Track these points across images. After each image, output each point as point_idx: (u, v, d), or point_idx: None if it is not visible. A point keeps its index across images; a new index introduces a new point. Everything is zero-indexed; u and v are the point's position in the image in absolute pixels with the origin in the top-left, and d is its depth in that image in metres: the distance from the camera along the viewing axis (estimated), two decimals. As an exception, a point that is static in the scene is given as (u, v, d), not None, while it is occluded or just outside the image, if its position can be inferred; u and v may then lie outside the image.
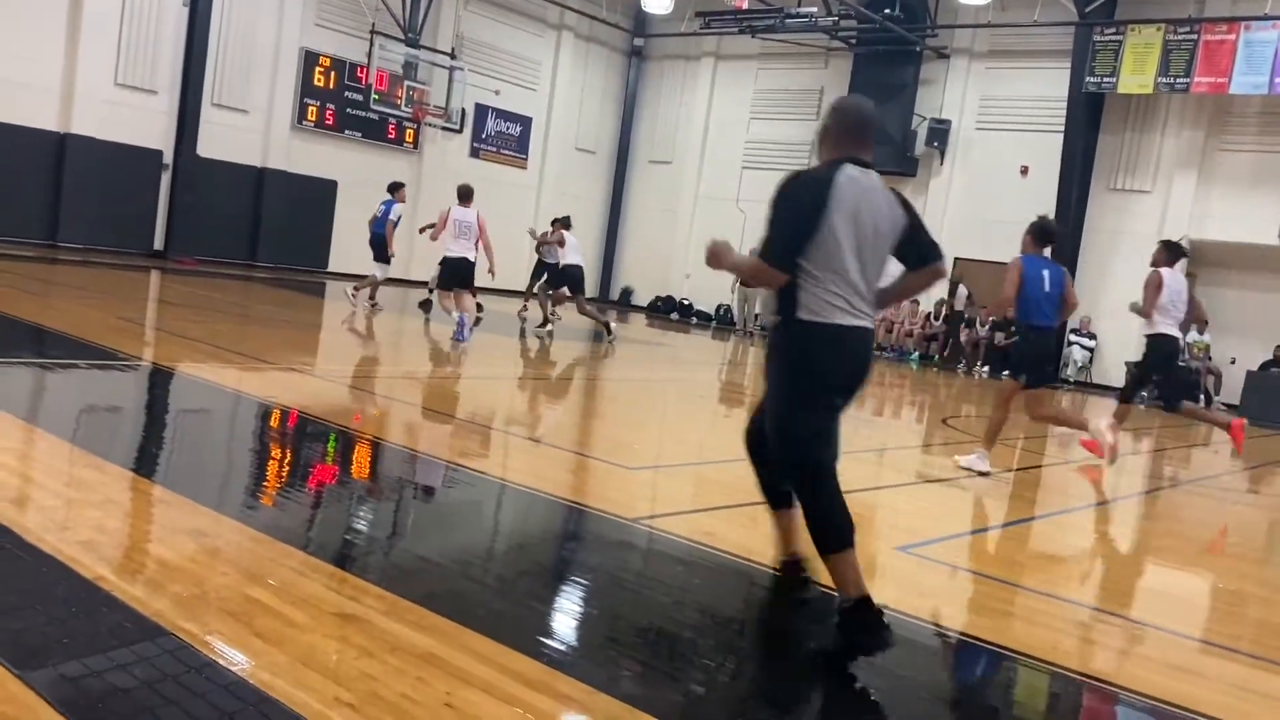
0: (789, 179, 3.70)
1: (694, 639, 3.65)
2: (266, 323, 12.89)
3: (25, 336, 8.76)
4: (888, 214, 3.72)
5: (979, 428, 10.90)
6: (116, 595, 3.17)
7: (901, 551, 5.25)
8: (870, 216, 3.65)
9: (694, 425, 9.29)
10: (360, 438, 6.65)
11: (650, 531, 4.93)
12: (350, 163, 22.13)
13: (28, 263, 15.18)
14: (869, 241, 3.65)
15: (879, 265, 3.74)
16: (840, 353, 3.64)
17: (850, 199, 3.60)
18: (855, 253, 3.60)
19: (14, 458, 4.81)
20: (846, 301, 3.61)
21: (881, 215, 3.69)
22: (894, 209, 3.76)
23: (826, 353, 3.62)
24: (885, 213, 3.71)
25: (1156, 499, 8.63)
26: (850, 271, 3.60)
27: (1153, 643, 4.37)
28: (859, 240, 3.61)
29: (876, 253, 3.70)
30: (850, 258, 3.59)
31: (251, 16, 20.20)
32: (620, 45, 27.69)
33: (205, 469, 5.32)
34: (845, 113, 3.89)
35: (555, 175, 26.62)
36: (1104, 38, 19.26)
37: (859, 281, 3.63)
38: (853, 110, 3.91)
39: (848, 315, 3.61)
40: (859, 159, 3.76)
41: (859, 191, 3.63)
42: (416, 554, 4.32)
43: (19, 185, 17.65)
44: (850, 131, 3.83)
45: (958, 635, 4.08)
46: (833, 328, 3.58)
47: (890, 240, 3.75)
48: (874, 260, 3.70)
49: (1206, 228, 19.52)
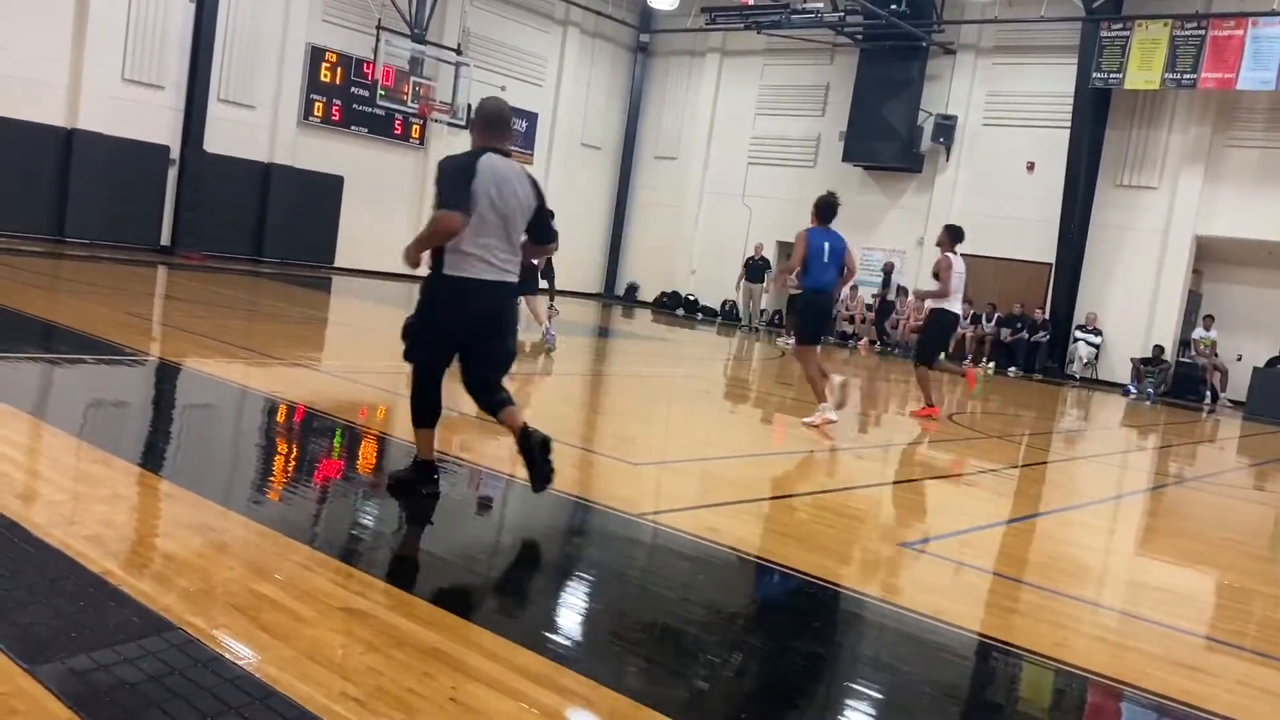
0: (445, 160, 4.61)
1: (699, 634, 3.66)
2: (273, 318, 12.92)
3: (33, 332, 8.79)
4: (522, 194, 4.66)
5: (984, 424, 10.90)
6: (124, 589, 3.19)
7: (906, 548, 5.26)
8: (507, 194, 4.58)
9: (699, 421, 9.30)
10: (366, 432, 6.67)
11: (655, 527, 4.94)
12: (356, 158, 22.15)
13: (35, 258, 15.22)
14: (506, 214, 4.59)
15: (516, 235, 4.69)
16: (466, 301, 4.61)
17: (490, 179, 4.51)
18: (497, 222, 4.56)
19: (22, 452, 4.83)
20: (484, 261, 4.56)
21: (515, 194, 4.63)
22: (527, 191, 4.71)
23: (455, 301, 4.60)
24: (520, 193, 4.65)
25: (1161, 496, 8.62)
26: (491, 238, 4.55)
27: (1158, 639, 4.37)
28: (498, 212, 4.55)
29: (510, 224, 4.64)
30: (491, 226, 4.54)
31: (258, 12, 20.23)
32: (626, 41, 27.67)
33: (212, 464, 5.34)
34: (484, 111, 4.78)
35: (561, 171, 26.62)
36: (1111, 33, 19.21)
37: (499, 245, 4.59)
38: (491, 109, 4.78)
39: (488, 270, 4.58)
40: (498, 148, 4.68)
41: (497, 174, 4.56)
42: (422, 549, 4.33)
43: (27, 181, 17.70)
44: (489, 126, 4.73)
45: (962, 631, 4.09)
46: (471, 281, 4.56)
47: (522, 217, 4.70)
48: (513, 230, 4.66)
49: (1213, 224, 19.48)
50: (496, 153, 4.64)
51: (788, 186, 24.94)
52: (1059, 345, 20.74)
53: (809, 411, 9.06)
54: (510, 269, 4.67)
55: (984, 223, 21.85)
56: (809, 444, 8.31)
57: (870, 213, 23.80)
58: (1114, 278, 20.49)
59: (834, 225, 9.18)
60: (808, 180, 24.67)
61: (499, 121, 4.77)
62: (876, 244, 23.80)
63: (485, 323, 4.69)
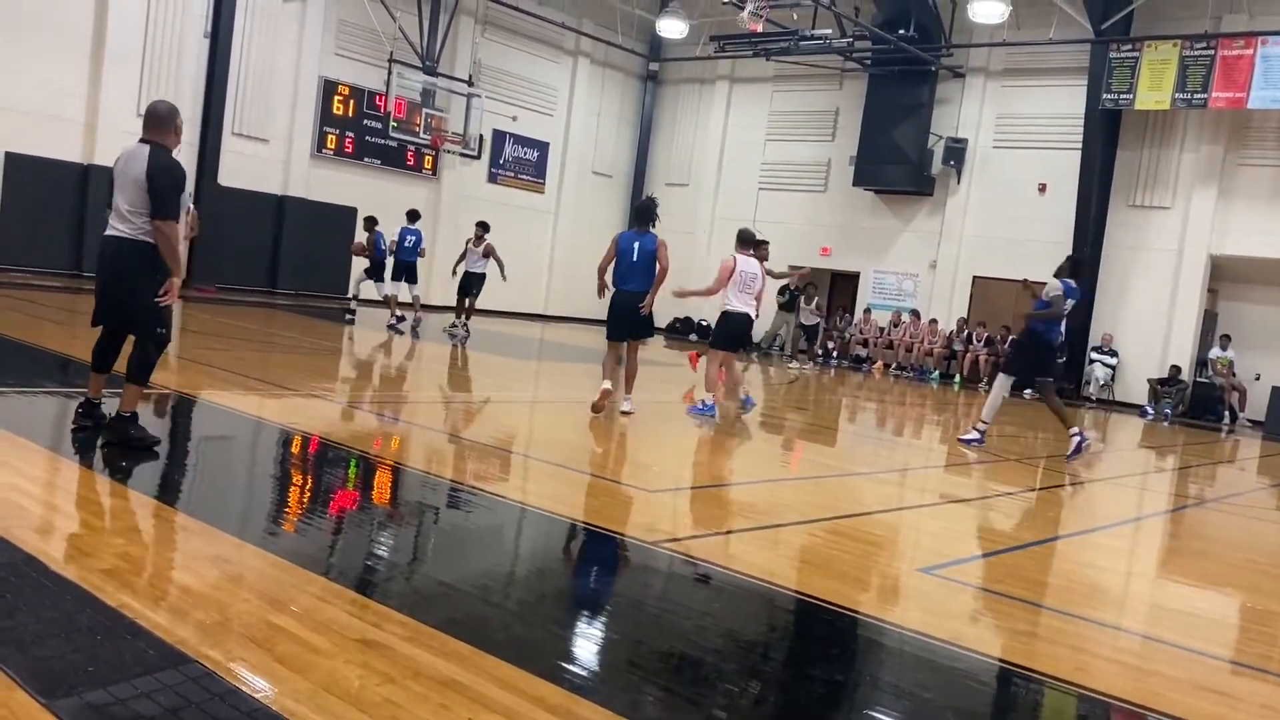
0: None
1: (716, 663, 3.64)
2: (288, 349, 12.98)
3: (51, 366, 8.85)
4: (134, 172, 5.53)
5: (1000, 446, 10.84)
6: (140, 623, 3.19)
7: (924, 573, 5.22)
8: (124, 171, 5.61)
9: (713, 447, 9.27)
10: (380, 463, 6.67)
11: (671, 554, 4.92)
12: (370, 190, 22.30)
13: (53, 293, 15.35)
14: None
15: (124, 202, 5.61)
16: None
17: (120, 162, 5.65)
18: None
19: (39, 486, 4.85)
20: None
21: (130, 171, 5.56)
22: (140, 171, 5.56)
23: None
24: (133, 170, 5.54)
25: (1181, 517, 8.54)
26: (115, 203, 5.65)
27: (1180, 663, 4.31)
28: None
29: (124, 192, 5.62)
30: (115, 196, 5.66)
31: (271, 46, 20.46)
32: (636, 70, 27.85)
33: (227, 496, 5.35)
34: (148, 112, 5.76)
35: (573, 199, 26.76)
36: (1120, 54, 19.23)
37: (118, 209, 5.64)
38: (149, 109, 5.77)
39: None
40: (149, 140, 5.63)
41: (126, 157, 5.63)
42: (437, 579, 4.32)
43: (44, 216, 17.88)
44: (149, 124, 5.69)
45: (981, 657, 4.05)
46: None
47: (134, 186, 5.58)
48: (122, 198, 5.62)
49: (1228, 243, 19.41)
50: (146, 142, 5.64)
51: (799, 211, 25.01)
52: (1075, 367, 20.64)
53: (829, 437, 9.03)
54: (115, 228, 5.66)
55: (997, 245, 21.88)
56: (824, 469, 8.27)
57: (882, 236, 23.84)
58: (1129, 298, 20.42)
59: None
60: (819, 205, 24.78)
61: (154, 121, 5.69)
62: (889, 267, 23.82)
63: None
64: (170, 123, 5.68)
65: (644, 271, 9.37)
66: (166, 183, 5.52)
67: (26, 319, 11.65)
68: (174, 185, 5.57)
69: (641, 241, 9.35)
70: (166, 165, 5.55)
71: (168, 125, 5.66)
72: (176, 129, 5.73)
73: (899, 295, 23.59)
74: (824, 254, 24.62)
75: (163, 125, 5.65)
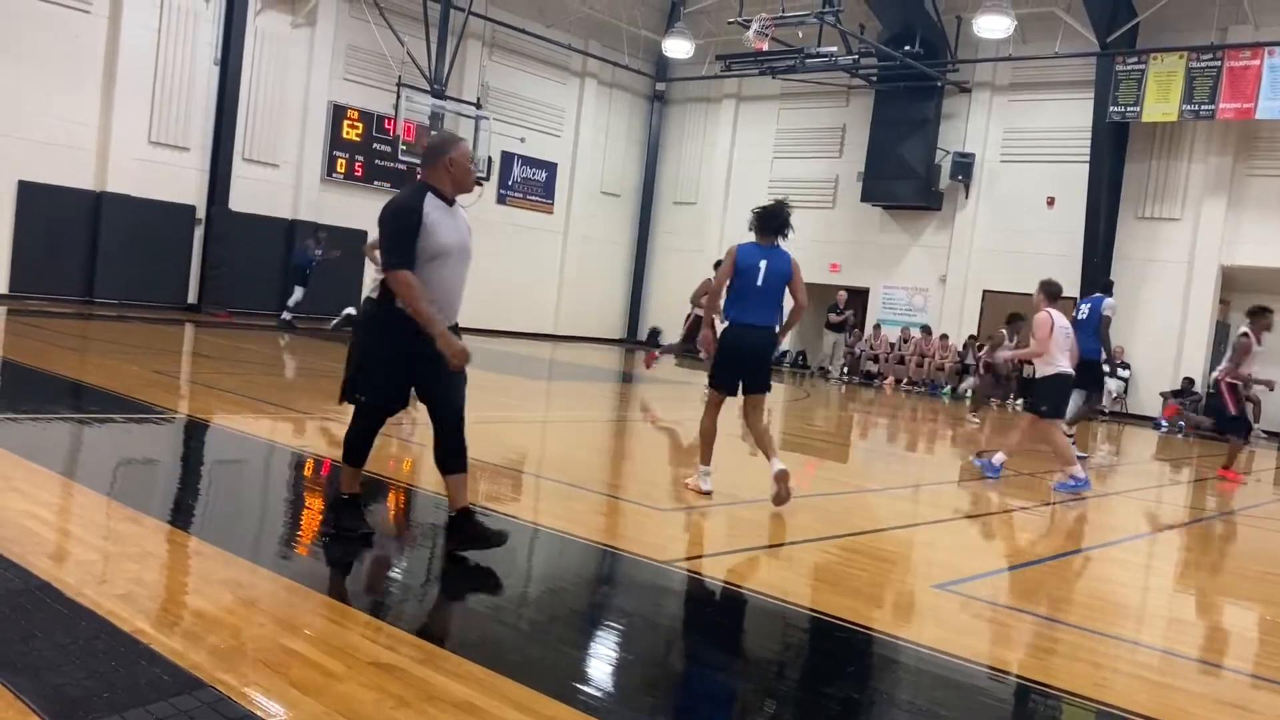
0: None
1: (730, 682, 3.62)
2: (299, 372, 13.02)
3: (64, 392, 8.89)
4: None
5: (1015, 461, 10.78)
6: (155, 648, 3.19)
7: (940, 589, 5.18)
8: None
9: (725, 465, 9.24)
10: (393, 484, 6.67)
11: (684, 574, 4.90)
12: (380, 213, 22.38)
13: (65, 319, 15.44)
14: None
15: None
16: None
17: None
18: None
19: (53, 512, 4.86)
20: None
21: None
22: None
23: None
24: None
25: (1198, 530, 8.48)
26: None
27: (1200, 677, 4.27)
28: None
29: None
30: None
31: (281, 72, 20.63)
32: (643, 90, 27.98)
33: (241, 519, 5.36)
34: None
35: (581, 219, 26.85)
36: (1126, 67, 19.24)
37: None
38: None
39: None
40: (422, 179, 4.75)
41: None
42: (451, 601, 4.31)
43: (57, 244, 18.03)
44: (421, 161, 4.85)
45: (999, 673, 4.01)
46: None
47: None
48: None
49: (1238, 253, 19.35)
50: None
51: (808, 228, 24.89)
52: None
53: (841, 453, 8.99)
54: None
55: (1006, 259, 21.84)
56: (837, 486, 8.25)
57: (892, 252, 23.83)
58: (1140, 310, 20.33)
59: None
60: (828, 221, 24.79)
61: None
62: (898, 282, 23.80)
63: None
64: (435, 157, 4.66)
65: (773, 300, 6.91)
66: (386, 225, 4.59)
67: (40, 345, 11.71)
68: (396, 229, 4.52)
69: (770, 260, 6.82)
70: (391, 205, 4.65)
71: (431, 159, 4.68)
72: (449, 164, 4.62)
73: (909, 310, 23.56)
74: (833, 270, 24.62)
75: (426, 160, 4.73)
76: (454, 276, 4.63)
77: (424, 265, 4.47)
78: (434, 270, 4.50)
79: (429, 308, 4.41)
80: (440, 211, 4.57)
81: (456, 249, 4.60)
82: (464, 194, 4.75)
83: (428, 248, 4.48)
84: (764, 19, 19.55)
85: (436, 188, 4.62)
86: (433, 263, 4.49)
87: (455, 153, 4.64)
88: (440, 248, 4.52)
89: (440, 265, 4.53)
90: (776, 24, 19.79)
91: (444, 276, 4.56)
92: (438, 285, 4.53)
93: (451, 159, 4.61)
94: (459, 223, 4.68)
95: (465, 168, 4.67)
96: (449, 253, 4.56)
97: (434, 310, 4.43)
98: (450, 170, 4.62)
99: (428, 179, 4.64)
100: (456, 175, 4.65)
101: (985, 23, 19.25)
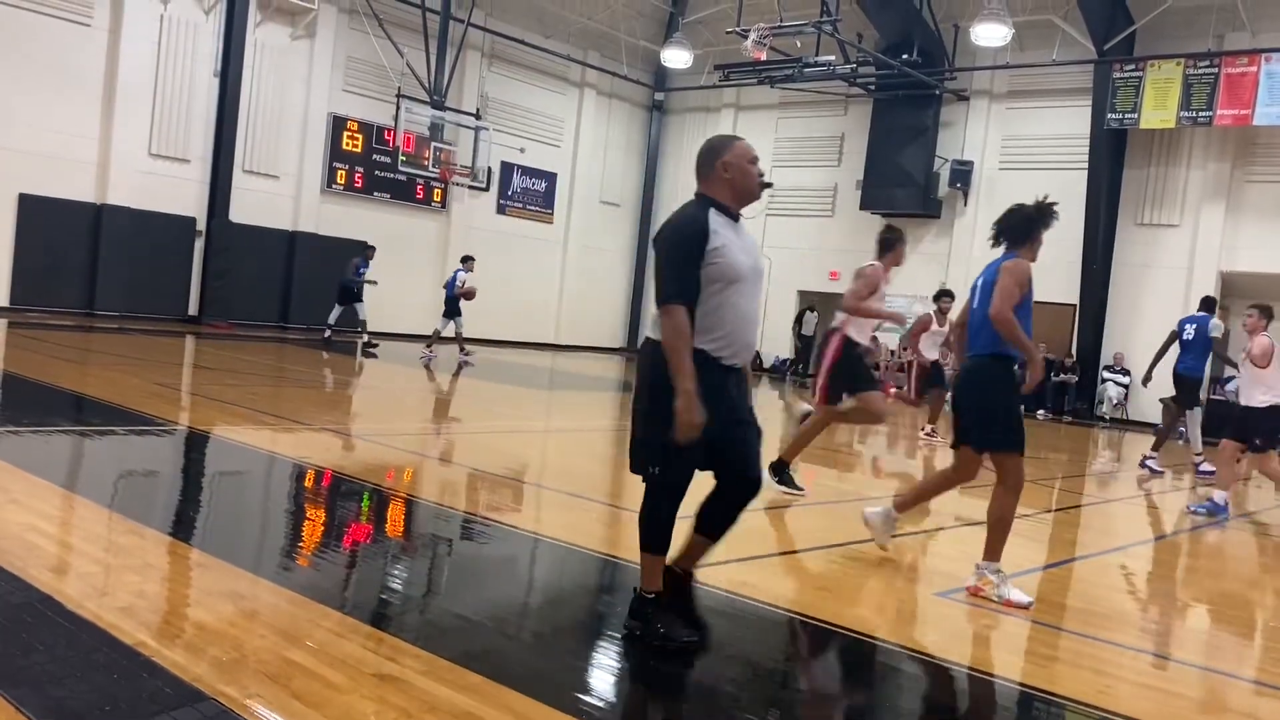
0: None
1: (734, 692, 3.61)
2: (300, 383, 13.02)
3: (65, 404, 8.89)
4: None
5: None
6: (156, 660, 3.18)
7: (941, 597, 5.18)
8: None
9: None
10: (394, 495, 6.67)
11: (686, 583, 4.88)
12: (380, 223, 22.45)
13: (67, 332, 15.45)
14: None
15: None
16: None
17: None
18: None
19: (54, 525, 4.86)
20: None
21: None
22: None
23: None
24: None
25: (1200, 536, 8.47)
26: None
27: (1204, 684, 4.26)
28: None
29: None
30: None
31: (280, 84, 20.67)
32: (641, 100, 28.04)
33: (242, 531, 5.36)
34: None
35: (581, 228, 26.89)
36: (1123, 74, 19.28)
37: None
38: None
39: None
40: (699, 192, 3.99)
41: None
42: (453, 612, 4.31)
43: (58, 256, 18.06)
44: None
45: (1003, 681, 4.01)
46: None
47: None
48: None
49: (1237, 259, 19.36)
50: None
51: (807, 236, 25.08)
52: (1087, 387, 20.55)
53: (840, 460, 8.96)
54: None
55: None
56: (839, 494, 8.23)
57: (890, 260, 23.83)
58: (1140, 317, 20.33)
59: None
60: (827, 229, 24.83)
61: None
62: (898, 290, 23.72)
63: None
64: (709, 163, 3.91)
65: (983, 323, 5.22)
66: (666, 250, 3.79)
67: (41, 358, 11.72)
68: (678, 256, 3.72)
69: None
70: (671, 226, 3.86)
71: (705, 167, 3.92)
72: (724, 168, 3.87)
73: (910, 318, 23.53)
74: (833, 278, 24.63)
75: (700, 170, 3.95)
76: (750, 307, 3.83)
77: (715, 295, 3.72)
78: (727, 300, 3.74)
79: (689, 359, 3.61)
80: (728, 229, 3.80)
81: (751, 272, 3.83)
82: (749, 203, 3.97)
83: (720, 273, 3.72)
84: (762, 29, 19.60)
85: (717, 201, 3.86)
86: (726, 291, 3.73)
87: (729, 154, 3.88)
88: (735, 272, 3.74)
89: (735, 293, 3.76)
90: (774, 34, 19.84)
91: (738, 307, 3.78)
92: (732, 318, 3.76)
93: (725, 162, 3.86)
94: (746, 240, 3.91)
95: (744, 169, 3.89)
96: (743, 278, 3.78)
97: (689, 359, 3.61)
98: (726, 176, 3.87)
99: (705, 191, 3.90)
100: (736, 181, 3.88)
101: (982, 31, 19.30)
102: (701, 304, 3.70)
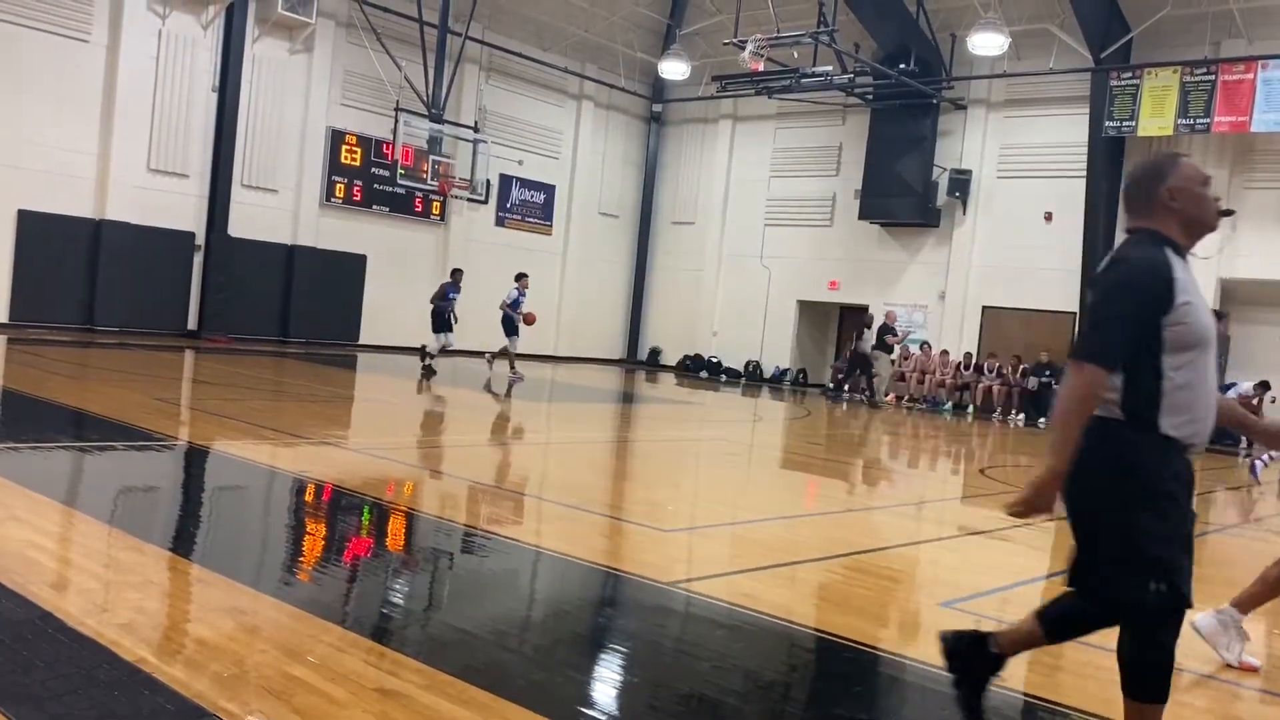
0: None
1: (736, 704, 3.59)
2: (299, 397, 13.00)
3: (64, 420, 8.88)
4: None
5: (1016, 477, 10.76)
6: (157, 677, 3.17)
7: (946, 607, 5.16)
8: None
9: (728, 484, 9.23)
10: (394, 509, 6.66)
11: (688, 595, 4.88)
12: (378, 237, 22.49)
13: (66, 347, 15.45)
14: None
15: None
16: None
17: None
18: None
19: (54, 541, 4.85)
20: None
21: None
22: None
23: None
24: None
25: (1202, 543, 8.45)
26: None
27: (1209, 693, 4.25)
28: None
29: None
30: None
31: (279, 98, 20.72)
32: (639, 112, 28.10)
33: (242, 546, 5.34)
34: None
35: (580, 240, 26.92)
36: (1121, 82, 19.33)
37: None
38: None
39: None
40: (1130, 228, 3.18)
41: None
42: (454, 626, 4.29)
43: (57, 272, 18.08)
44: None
45: (1008, 692, 3.99)
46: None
47: None
48: None
49: (1236, 265, 19.36)
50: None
51: (805, 246, 25.12)
52: (1088, 394, 20.50)
53: (844, 471, 8.98)
54: None
55: (1005, 274, 21.89)
56: (841, 504, 8.22)
57: (890, 269, 23.87)
58: (1139, 324, 20.31)
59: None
60: (826, 239, 24.88)
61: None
62: (898, 299, 23.81)
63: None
64: (1150, 190, 3.06)
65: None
66: (1113, 295, 2.95)
67: (41, 374, 11.71)
68: (1125, 307, 2.90)
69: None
70: (1124, 266, 2.98)
71: (1145, 196, 3.08)
72: (1170, 196, 3.02)
73: (909, 327, 23.54)
74: (832, 287, 24.69)
75: (1135, 198, 3.11)
76: (1212, 375, 3.04)
77: (1188, 367, 2.93)
78: (1190, 365, 2.95)
79: (1078, 434, 2.91)
80: (1189, 276, 2.97)
81: (1212, 333, 3.00)
82: (1203, 237, 3.11)
83: (1193, 337, 2.93)
84: (759, 40, 19.66)
85: (1171, 239, 3.02)
86: (1188, 354, 2.93)
87: (1176, 178, 3.04)
88: (1201, 333, 2.95)
89: (1200, 356, 2.96)
90: (772, 44, 19.90)
91: (1203, 377, 2.99)
92: (1198, 390, 2.97)
93: (1173, 189, 3.03)
94: (1198, 289, 3.01)
95: (1198, 196, 3.05)
96: (1208, 340, 2.98)
97: (1077, 434, 2.91)
98: (1175, 205, 3.03)
99: (1146, 225, 3.06)
100: (1188, 211, 3.04)
101: (979, 40, 19.37)
102: (1166, 378, 2.92)
